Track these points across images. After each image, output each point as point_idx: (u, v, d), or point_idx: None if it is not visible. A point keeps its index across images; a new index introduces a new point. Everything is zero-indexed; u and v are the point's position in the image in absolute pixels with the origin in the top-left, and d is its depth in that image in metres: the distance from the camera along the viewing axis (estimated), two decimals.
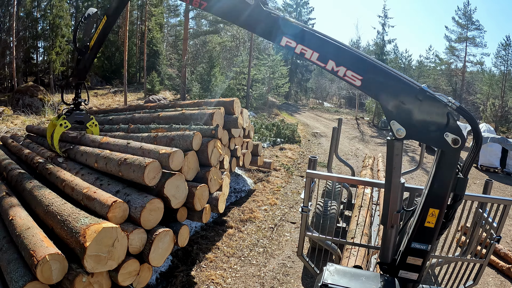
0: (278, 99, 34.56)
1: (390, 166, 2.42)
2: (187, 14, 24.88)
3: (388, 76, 2.31)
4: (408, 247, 2.52)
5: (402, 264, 2.57)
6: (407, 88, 2.28)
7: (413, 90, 2.26)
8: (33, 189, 4.40)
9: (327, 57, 2.39)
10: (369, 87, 2.37)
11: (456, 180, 2.32)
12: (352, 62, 2.35)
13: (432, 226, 2.40)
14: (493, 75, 31.06)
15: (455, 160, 2.27)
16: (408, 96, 2.26)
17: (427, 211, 2.39)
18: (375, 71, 2.33)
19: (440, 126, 2.22)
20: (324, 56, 2.40)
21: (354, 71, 2.33)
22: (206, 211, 5.12)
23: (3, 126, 13.42)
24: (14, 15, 22.66)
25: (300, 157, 13.34)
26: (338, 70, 2.35)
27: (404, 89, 2.28)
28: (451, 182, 2.31)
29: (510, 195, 11.01)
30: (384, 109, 2.36)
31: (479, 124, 19.06)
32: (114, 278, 3.44)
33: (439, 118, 2.23)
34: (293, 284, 5.21)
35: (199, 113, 6.79)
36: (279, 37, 2.51)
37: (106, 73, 32.62)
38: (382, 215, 2.60)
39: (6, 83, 25.14)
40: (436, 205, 2.37)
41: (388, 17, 27.60)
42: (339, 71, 2.35)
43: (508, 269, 5.79)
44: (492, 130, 18.92)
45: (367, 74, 2.32)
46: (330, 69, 2.38)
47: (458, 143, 2.20)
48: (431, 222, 2.39)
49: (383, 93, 2.34)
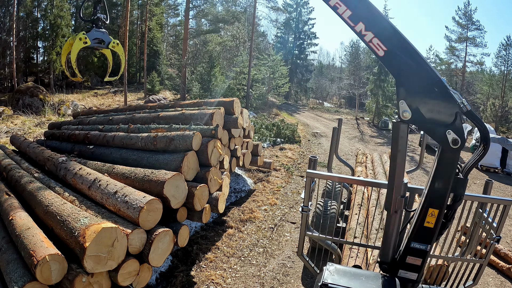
0: (278, 99, 34.56)
1: (394, 149, 2.40)
2: (187, 13, 24.86)
3: (414, 56, 2.26)
4: (408, 247, 2.51)
5: (401, 263, 2.56)
6: (428, 74, 2.24)
7: (433, 78, 2.23)
8: (33, 189, 4.41)
9: (359, 18, 2.30)
10: (391, 61, 2.30)
11: (456, 180, 2.32)
12: (382, 31, 2.28)
13: (432, 226, 2.40)
14: (493, 75, 31.03)
15: (454, 160, 2.26)
16: (425, 82, 2.23)
17: (426, 211, 2.39)
18: (402, 47, 2.27)
19: (445, 122, 2.21)
20: (356, 16, 2.31)
21: (381, 40, 2.27)
22: (206, 211, 5.11)
23: (3, 126, 13.42)
24: (14, 15, 22.66)
25: (300, 157, 13.33)
26: (366, 34, 2.28)
27: (424, 74, 2.24)
28: (450, 182, 2.31)
29: (510, 195, 11.00)
30: (398, 87, 2.31)
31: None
32: (114, 278, 3.44)
33: (447, 114, 2.21)
34: (293, 284, 5.21)
35: (199, 113, 6.79)
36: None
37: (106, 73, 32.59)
38: (386, 200, 2.58)
39: (6, 83, 25.16)
40: (435, 205, 2.36)
41: (388, 17, 27.62)
42: (367, 35, 2.28)
43: (508, 269, 5.79)
44: (492, 130, 18.89)
45: (394, 48, 2.26)
46: (359, 31, 2.30)
47: (457, 144, 2.20)
48: (431, 222, 2.39)
49: (403, 71, 2.29)
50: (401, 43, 2.27)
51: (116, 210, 3.97)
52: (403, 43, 2.27)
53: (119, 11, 33.48)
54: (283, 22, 38.46)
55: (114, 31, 33.47)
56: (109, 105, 21.55)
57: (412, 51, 2.26)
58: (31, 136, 12.55)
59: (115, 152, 6.04)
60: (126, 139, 6.16)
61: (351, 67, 39.85)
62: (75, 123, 9.67)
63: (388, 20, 2.34)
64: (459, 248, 3.65)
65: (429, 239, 2.44)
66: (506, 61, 29.22)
